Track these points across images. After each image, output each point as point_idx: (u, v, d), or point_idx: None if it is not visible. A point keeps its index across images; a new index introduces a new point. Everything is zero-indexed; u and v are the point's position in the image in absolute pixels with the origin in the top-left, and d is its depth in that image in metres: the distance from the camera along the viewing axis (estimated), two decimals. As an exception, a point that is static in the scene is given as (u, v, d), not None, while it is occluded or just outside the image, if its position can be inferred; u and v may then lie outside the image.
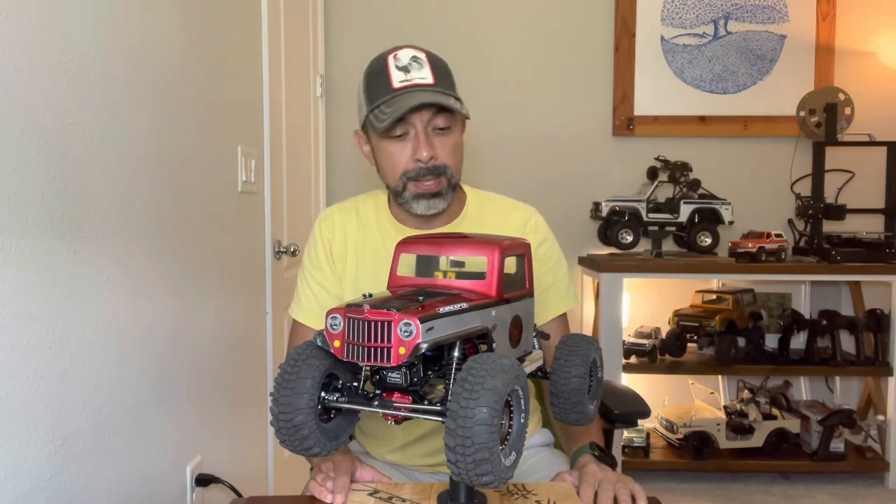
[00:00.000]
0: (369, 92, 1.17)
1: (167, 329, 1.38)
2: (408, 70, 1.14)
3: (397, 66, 1.14)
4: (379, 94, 1.15)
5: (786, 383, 2.99)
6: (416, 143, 1.15)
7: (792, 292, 3.07)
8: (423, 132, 1.15)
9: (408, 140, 1.16)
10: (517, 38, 3.03)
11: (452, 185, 1.20)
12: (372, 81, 1.17)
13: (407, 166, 1.16)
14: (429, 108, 1.14)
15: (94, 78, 1.11)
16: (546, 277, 1.28)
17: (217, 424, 1.66)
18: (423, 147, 1.14)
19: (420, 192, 1.17)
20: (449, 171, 1.18)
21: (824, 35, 2.99)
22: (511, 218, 1.29)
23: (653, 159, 2.91)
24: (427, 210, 1.19)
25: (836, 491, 2.66)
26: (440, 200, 1.19)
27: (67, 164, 1.03)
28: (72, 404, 1.04)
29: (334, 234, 1.28)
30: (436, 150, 1.15)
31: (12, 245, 0.90)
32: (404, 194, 1.18)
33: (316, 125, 2.70)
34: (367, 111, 1.17)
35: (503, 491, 0.98)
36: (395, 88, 1.13)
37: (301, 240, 2.37)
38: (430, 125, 1.15)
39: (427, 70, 1.15)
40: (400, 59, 1.15)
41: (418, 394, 0.79)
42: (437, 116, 1.15)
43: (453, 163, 1.19)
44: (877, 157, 2.90)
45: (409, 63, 1.15)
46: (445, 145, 1.17)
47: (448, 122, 1.17)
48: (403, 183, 1.18)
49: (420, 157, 1.14)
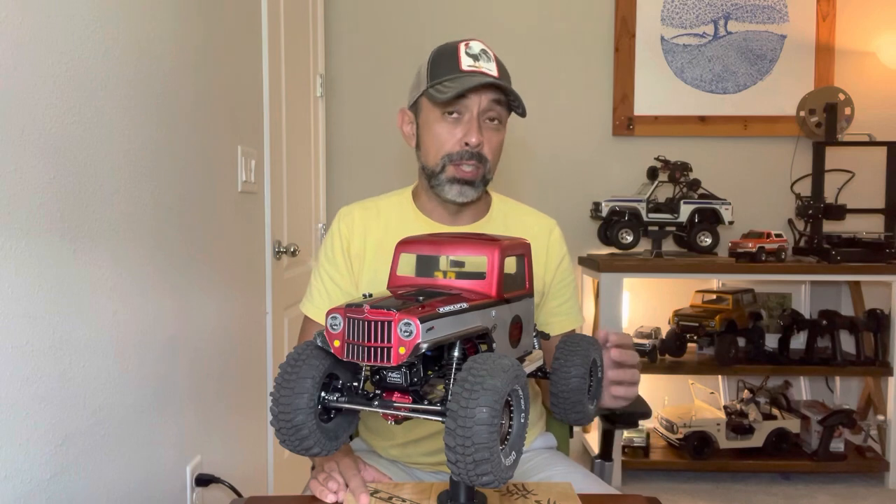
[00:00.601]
0: (435, 69, 1.20)
1: (167, 329, 1.38)
2: (477, 59, 1.18)
3: (468, 53, 1.18)
4: (445, 71, 1.18)
5: (786, 383, 2.99)
6: (469, 127, 1.18)
7: (792, 292, 3.07)
8: (477, 119, 1.18)
9: (459, 123, 1.19)
10: (517, 38, 3.03)
11: (486, 180, 1.22)
12: (440, 60, 1.20)
13: (452, 148, 1.19)
14: (488, 96, 1.17)
15: (94, 78, 1.11)
16: (563, 293, 1.31)
17: (217, 424, 1.66)
18: (474, 131, 1.17)
19: (457, 177, 1.19)
20: (488, 164, 1.21)
21: (824, 35, 2.99)
22: (535, 225, 1.32)
23: (653, 159, 2.91)
24: (458, 196, 1.20)
25: (836, 491, 2.66)
26: (472, 190, 1.20)
27: (67, 164, 1.03)
28: (72, 404, 1.04)
29: (353, 231, 1.29)
30: (483, 139, 1.18)
31: (12, 245, 0.90)
32: (441, 176, 1.20)
33: (316, 125, 2.70)
34: (429, 85, 1.19)
35: (503, 491, 0.98)
36: (464, 70, 1.17)
37: (301, 240, 2.37)
38: (485, 115, 1.18)
39: (494, 65, 1.19)
40: (471, 48, 1.19)
41: (418, 394, 0.79)
42: (492, 109, 1.18)
43: (493, 159, 1.22)
44: (877, 157, 2.90)
45: (478, 53, 1.19)
46: (493, 139, 1.20)
47: (500, 118, 1.20)
48: (443, 164, 1.20)
49: (469, 141, 1.17)
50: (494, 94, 1.18)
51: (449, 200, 1.22)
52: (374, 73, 2.99)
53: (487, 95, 1.17)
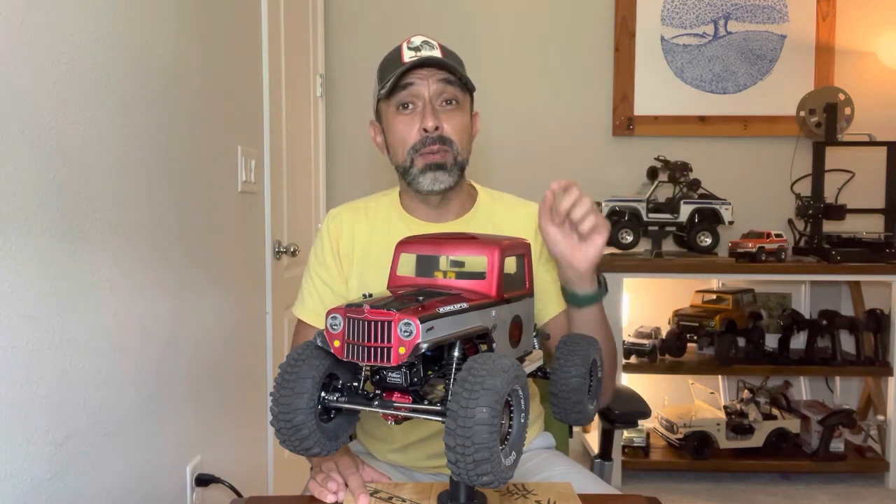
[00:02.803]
0: (382, 73, 1.21)
1: (167, 329, 1.38)
2: (419, 49, 1.18)
3: (409, 47, 1.18)
4: (391, 70, 1.18)
5: (786, 383, 2.99)
6: (423, 114, 1.17)
7: (792, 292, 3.07)
8: (430, 103, 1.17)
9: (415, 113, 1.18)
10: (517, 39, 3.03)
11: (459, 163, 1.20)
12: (385, 65, 1.22)
13: (414, 139, 1.18)
14: (435, 77, 1.16)
15: (94, 78, 1.11)
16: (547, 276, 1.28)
17: (217, 424, 1.66)
18: (429, 116, 1.16)
19: (426, 164, 1.18)
20: (455, 146, 1.19)
21: (824, 35, 2.99)
22: (520, 214, 1.31)
23: (653, 159, 2.91)
24: (434, 184, 1.18)
25: (836, 491, 2.66)
26: (446, 174, 1.19)
27: (67, 164, 1.03)
28: (72, 404, 1.04)
29: (342, 233, 1.29)
30: (441, 122, 1.17)
31: (12, 245, 0.90)
32: (412, 170, 1.19)
33: (316, 125, 2.70)
34: (379, 88, 1.20)
35: (503, 491, 0.98)
36: (405, 62, 1.16)
37: (301, 240, 2.36)
38: (439, 99, 1.18)
39: (437, 50, 1.19)
40: (412, 42, 1.19)
41: (418, 394, 0.79)
42: (444, 90, 1.18)
43: (459, 140, 1.20)
44: (877, 157, 2.90)
45: (420, 45, 1.19)
46: (452, 119, 1.19)
47: (454, 96, 1.19)
48: (411, 158, 1.19)
49: (426, 126, 1.16)
50: (441, 75, 1.17)
51: (427, 192, 1.20)
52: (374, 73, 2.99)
53: (434, 78, 1.17)
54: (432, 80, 1.17)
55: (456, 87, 1.19)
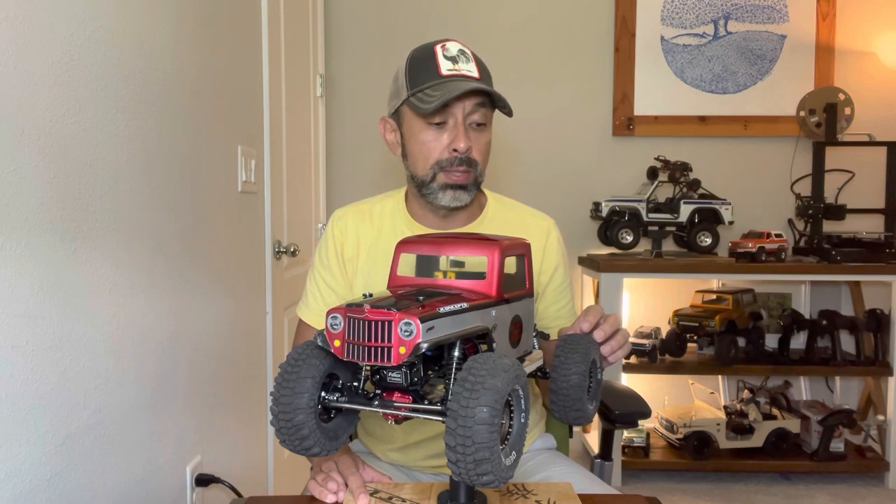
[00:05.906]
0: (413, 76, 1.17)
1: (167, 329, 1.38)
2: (456, 61, 1.16)
3: (445, 56, 1.16)
4: (425, 78, 1.15)
5: (786, 383, 3.00)
6: (455, 133, 1.16)
7: (792, 292, 3.07)
8: (463, 123, 1.16)
9: (444, 130, 1.16)
10: (517, 38, 3.03)
11: (478, 183, 1.21)
12: (417, 66, 1.17)
13: (441, 155, 1.17)
14: (472, 100, 1.15)
15: (94, 78, 1.11)
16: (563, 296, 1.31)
17: (217, 424, 1.66)
18: (461, 138, 1.15)
19: (449, 183, 1.18)
20: (478, 167, 1.20)
21: (824, 35, 3.00)
22: (532, 225, 1.30)
23: (653, 159, 2.91)
24: (452, 202, 1.19)
25: (836, 491, 2.66)
26: (466, 194, 1.19)
27: (67, 164, 1.03)
28: (72, 404, 1.04)
29: (346, 235, 1.28)
30: (472, 143, 1.17)
31: (12, 245, 0.90)
32: (432, 185, 1.19)
33: (316, 125, 2.70)
34: (409, 94, 1.16)
35: (503, 491, 0.98)
36: (444, 75, 1.14)
37: (301, 240, 2.37)
38: (469, 119, 1.17)
39: (473, 65, 1.17)
40: (448, 50, 1.17)
41: (418, 393, 0.79)
42: (477, 112, 1.17)
43: (482, 161, 1.21)
44: (877, 157, 2.90)
45: (456, 54, 1.16)
46: (480, 141, 1.19)
47: (485, 120, 1.19)
48: (434, 173, 1.18)
49: (458, 147, 1.15)
50: (478, 98, 1.15)
51: (443, 207, 1.20)
52: (374, 73, 2.99)
53: (471, 100, 1.15)
54: (469, 102, 1.15)
55: (488, 108, 1.18)
